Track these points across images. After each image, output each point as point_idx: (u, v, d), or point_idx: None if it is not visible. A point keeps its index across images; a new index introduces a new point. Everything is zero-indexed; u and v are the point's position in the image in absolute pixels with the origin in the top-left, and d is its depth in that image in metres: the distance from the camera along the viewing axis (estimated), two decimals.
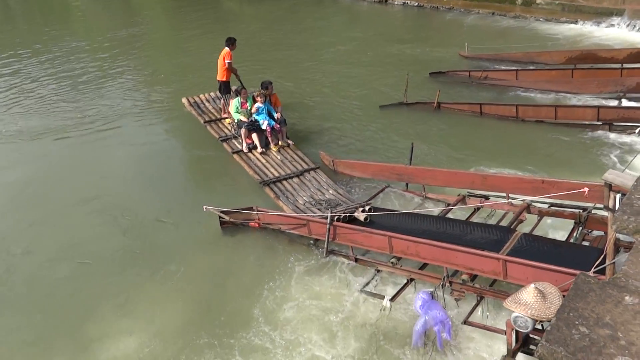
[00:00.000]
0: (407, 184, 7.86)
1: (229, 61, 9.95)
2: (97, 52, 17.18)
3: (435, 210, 7.04)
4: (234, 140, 9.66)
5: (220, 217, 7.25)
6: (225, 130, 10.06)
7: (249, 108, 9.33)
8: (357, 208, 6.80)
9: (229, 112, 9.94)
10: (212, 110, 10.81)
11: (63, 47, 18.31)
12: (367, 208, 6.78)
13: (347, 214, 6.69)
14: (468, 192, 7.33)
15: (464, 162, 8.61)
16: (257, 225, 7.22)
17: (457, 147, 9.27)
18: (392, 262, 6.06)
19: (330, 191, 7.94)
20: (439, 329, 5.15)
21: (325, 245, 6.51)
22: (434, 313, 5.20)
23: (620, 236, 4.22)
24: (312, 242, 6.86)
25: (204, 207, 7.17)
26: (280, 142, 9.29)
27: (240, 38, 18.28)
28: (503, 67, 13.11)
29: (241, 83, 10.07)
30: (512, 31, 17.11)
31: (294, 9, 23.53)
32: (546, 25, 17.30)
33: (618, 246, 4.60)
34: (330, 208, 6.74)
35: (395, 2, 22.56)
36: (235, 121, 9.49)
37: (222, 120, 10.40)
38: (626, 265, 2.37)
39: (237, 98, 9.43)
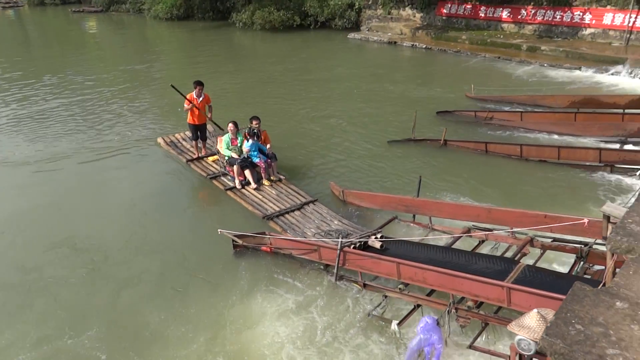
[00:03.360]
0: (414, 216, 8.14)
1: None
2: (110, 84, 17.81)
3: (441, 241, 7.31)
4: (222, 178, 9.85)
5: (233, 240, 7.53)
6: (211, 168, 10.30)
7: (239, 145, 9.60)
8: (369, 236, 7.08)
9: (217, 149, 10.17)
10: (192, 149, 11.04)
11: (76, 76, 19.06)
12: (378, 236, 7.05)
13: (362, 241, 6.95)
14: (473, 225, 7.60)
15: (469, 196, 8.93)
16: (269, 249, 7.48)
17: (462, 182, 9.59)
18: (400, 288, 6.28)
19: (335, 222, 8.23)
20: (428, 351, 5.38)
21: (336, 271, 6.75)
22: (429, 335, 5.43)
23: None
24: (322, 267, 7.11)
25: (219, 230, 7.47)
26: (272, 177, 9.56)
27: (251, 73, 19.06)
28: (508, 109, 13.56)
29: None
30: (517, 75, 17.71)
31: (305, 46, 24.41)
32: (550, 71, 17.91)
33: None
34: (342, 237, 7.01)
35: (404, 44, 23.38)
36: (226, 158, 9.70)
37: (205, 159, 10.69)
38: (618, 277, 2.66)
39: (226, 135, 9.65)
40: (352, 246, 6.76)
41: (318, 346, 5.84)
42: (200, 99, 10.38)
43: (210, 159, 10.70)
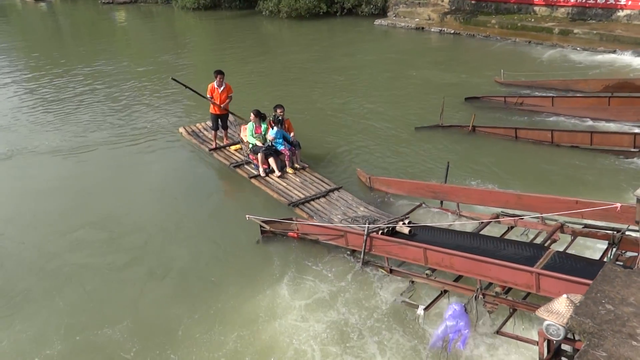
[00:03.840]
0: (441, 202, 8.08)
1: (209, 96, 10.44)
2: (138, 74, 18.08)
3: (469, 227, 7.25)
4: (246, 166, 9.94)
5: (261, 226, 7.63)
6: (234, 157, 10.36)
7: (262, 133, 9.64)
8: (396, 222, 7.07)
9: (241, 138, 10.27)
10: (212, 139, 11.00)
11: (106, 66, 19.44)
12: (406, 222, 7.04)
13: (390, 227, 6.96)
14: (502, 211, 7.50)
15: (497, 182, 8.80)
16: (295, 235, 7.55)
17: (491, 169, 9.47)
18: (426, 274, 6.28)
19: (361, 208, 8.23)
20: (453, 337, 5.37)
21: (362, 256, 6.78)
22: (455, 322, 5.42)
23: None
24: (348, 252, 7.15)
25: (247, 216, 7.58)
26: (296, 165, 9.60)
27: (277, 61, 19.09)
28: (539, 94, 13.26)
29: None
30: (548, 59, 17.26)
31: (331, 33, 24.29)
32: (583, 54, 17.39)
33: None
34: (368, 223, 7.02)
35: (432, 29, 23.03)
36: (250, 146, 9.76)
37: (227, 148, 10.76)
38: None
39: (250, 123, 9.70)
40: (380, 232, 6.77)
41: (345, 333, 5.88)
42: (222, 88, 10.39)
43: (232, 148, 10.75)
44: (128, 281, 7.00)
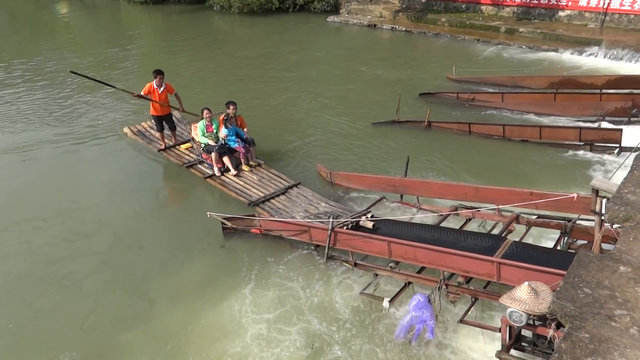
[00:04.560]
0: (401, 196, 8.22)
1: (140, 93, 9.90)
2: (82, 69, 17.08)
3: (429, 219, 7.41)
4: (199, 166, 9.66)
5: (223, 223, 7.50)
6: (186, 157, 10.01)
7: (214, 131, 9.42)
8: (360, 216, 7.12)
9: (192, 137, 9.97)
10: (160, 138, 10.53)
11: (46, 62, 18.45)
12: (369, 216, 7.11)
13: (354, 222, 7.00)
14: (460, 204, 7.71)
15: (454, 176, 9.04)
16: (258, 231, 7.48)
17: (448, 163, 9.71)
18: (390, 267, 6.37)
19: (322, 204, 8.25)
20: (419, 328, 5.50)
21: (327, 251, 6.80)
22: (421, 313, 5.54)
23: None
24: (312, 247, 7.15)
25: (208, 213, 7.43)
26: (251, 162, 9.47)
27: (229, 57, 18.76)
28: (489, 90, 13.71)
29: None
30: (496, 57, 17.86)
31: (283, 29, 24.13)
32: (529, 52, 18.10)
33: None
34: (332, 218, 7.04)
35: (384, 27, 23.32)
36: (202, 145, 9.51)
37: (177, 147, 10.36)
38: (619, 244, 2.76)
39: (202, 121, 9.43)
40: (345, 227, 6.80)
41: (309, 325, 5.89)
42: (162, 88, 9.90)
43: (183, 147, 10.36)
44: (77, 293, 6.53)
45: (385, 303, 6.02)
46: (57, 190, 9.15)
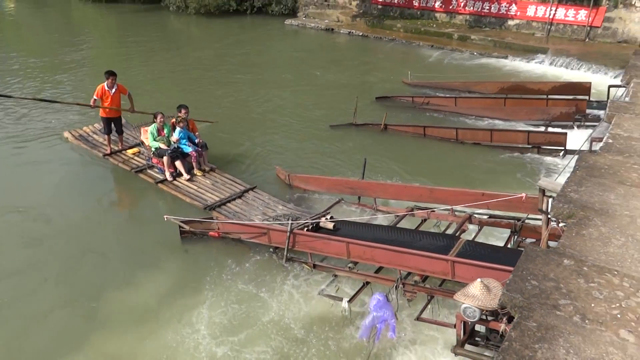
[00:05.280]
0: (359, 198, 8.34)
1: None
2: (28, 70, 16.47)
3: (386, 221, 7.56)
4: (149, 170, 9.40)
5: (180, 226, 7.39)
6: (134, 162, 9.73)
7: (166, 135, 9.27)
8: (319, 218, 7.19)
9: (142, 141, 9.75)
10: (105, 143, 10.18)
11: None
12: (328, 217, 7.18)
13: (314, 223, 7.04)
14: (415, 205, 7.91)
15: (409, 178, 9.26)
16: (217, 234, 7.41)
17: (403, 165, 9.93)
18: (349, 267, 6.46)
19: (279, 207, 8.26)
20: (380, 327, 5.61)
21: (285, 253, 6.82)
22: (382, 312, 5.65)
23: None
24: (271, 249, 7.15)
25: (165, 216, 7.31)
26: (204, 167, 9.34)
27: (184, 59, 18.49)
28: (443, 95, 14.11)
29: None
30: (449, 62, 18.41)
31: (241, 32, 24.01)
32: (480, 59, 18.75)
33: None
34: (291, 221, 7.07)
35: (341, 31, 23.60)
36: (153, 149, 9.28)
37: (124, 152, 10.04)
38: (563, 239, 2.94)
39: (153, 125, 9.25)
40: (305, 228, 6.84)
41: (268, 328, 5.90)
42: (113, 90, 9.64)
43: (130, 151, 10.04)
44: (14, 312, 6.03)
45: (345, 303, 6.09)
46: None
